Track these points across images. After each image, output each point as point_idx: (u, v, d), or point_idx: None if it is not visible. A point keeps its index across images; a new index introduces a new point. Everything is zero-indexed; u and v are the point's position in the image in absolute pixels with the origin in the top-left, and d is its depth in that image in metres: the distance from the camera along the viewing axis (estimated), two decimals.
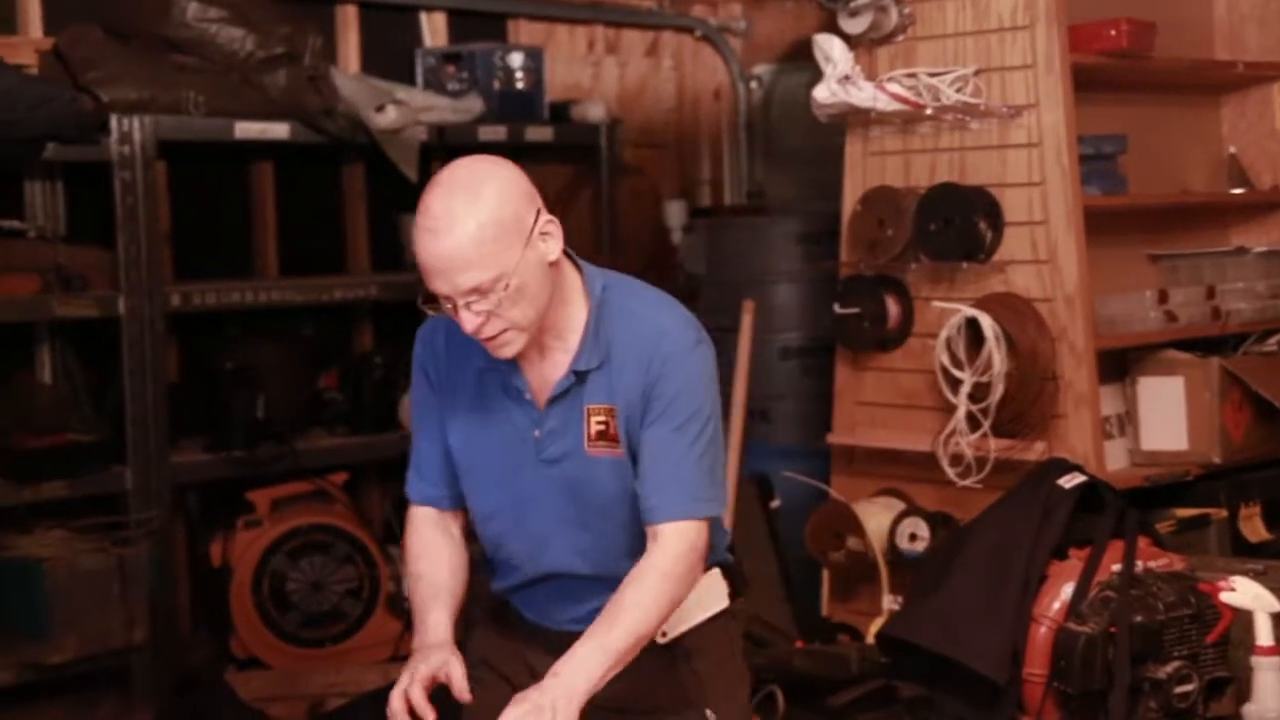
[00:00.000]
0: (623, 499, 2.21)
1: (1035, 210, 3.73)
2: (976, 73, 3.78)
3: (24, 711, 3.84)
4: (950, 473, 3.73)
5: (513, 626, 2.39)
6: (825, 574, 4.05)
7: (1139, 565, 3.23)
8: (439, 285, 2.08)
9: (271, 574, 4.15)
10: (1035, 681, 3.17)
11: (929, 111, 3.80)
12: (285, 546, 4.16)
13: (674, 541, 2.16)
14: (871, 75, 3.89)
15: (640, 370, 2.16)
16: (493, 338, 2.11)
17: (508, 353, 2.14)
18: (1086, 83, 3.77)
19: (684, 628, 2.33)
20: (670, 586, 2.14)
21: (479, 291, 2.06)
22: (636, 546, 2.21)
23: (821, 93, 3.88)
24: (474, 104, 4.57)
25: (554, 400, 2.20)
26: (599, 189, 5.00)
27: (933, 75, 3.80)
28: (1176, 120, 4.32)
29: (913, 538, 3.79)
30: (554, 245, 2.15)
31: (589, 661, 2.08)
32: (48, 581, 3.75)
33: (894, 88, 3.83)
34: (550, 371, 2.20)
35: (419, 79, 4.69)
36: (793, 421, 4.66)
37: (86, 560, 3.81)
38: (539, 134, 4.76)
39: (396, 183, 4.29)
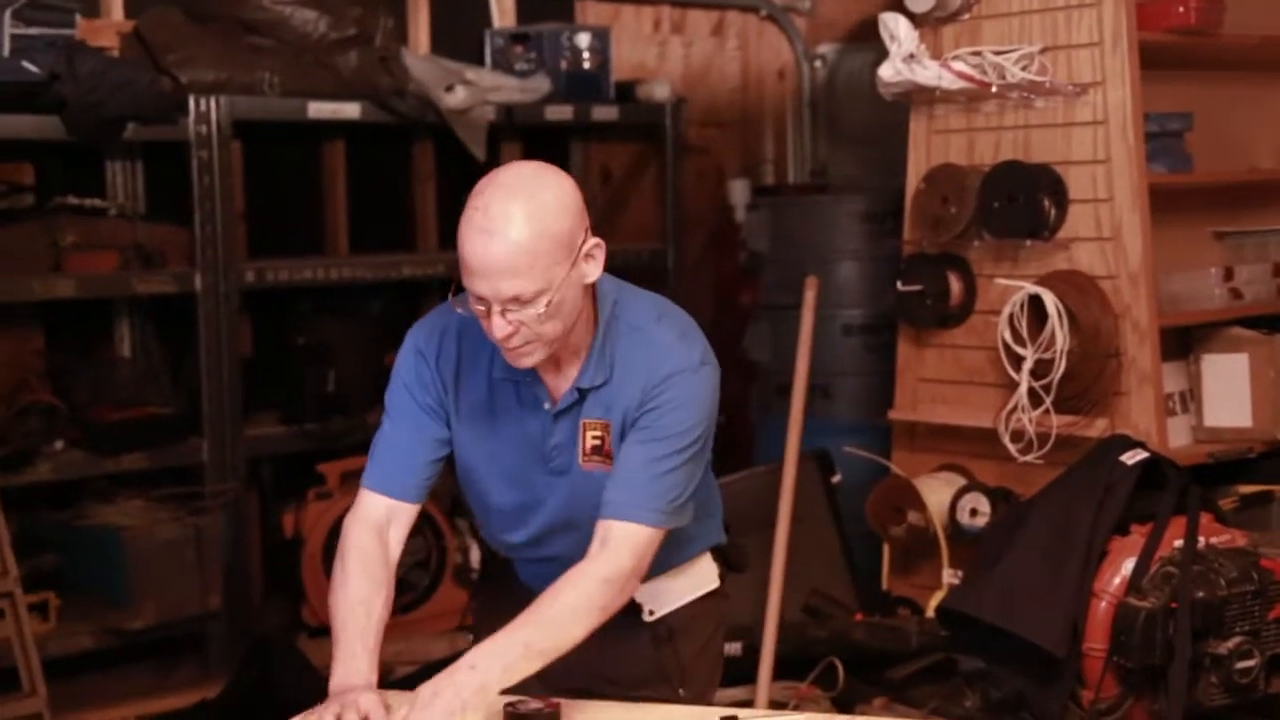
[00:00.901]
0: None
1: (1100, 188, 3.72)
2: (1042, 50, 3.78)
3: (105, 675, 3.95)
4: (1011, 449, 3.73)
5: (511, 589, 2.39)
6: (886, 548, 4.06)
7: (1201, 541, 3.23)
8: (479, 286, 2.03)
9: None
10: (1095, 656, 3.19)
11: (994, 89, 3.80)
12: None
13: (620, 546, 2.12)
14: (937, 54, 3.89)
15: (640, 389, 2.15)
16: (517, 347, 2.08)
17: (525, 364, 2.12)
18: (1153, 60, 3.75)
19: (672, 607, 2.34)
20: (607, 595, 2.11)
21: (519, 301, 2.02)
22: None
23: (887, 71, 3.88)
24: (541, 84, 4.60)
25: (560, 414, 2.21)
26: (663, 168, 5.02)
27: (998, 53, 3.80)
28: (1244, 97, 4.29)
29: (973, 513, 3.79)
30: (595, 268, 2.11)
31: (509, 656, 2.05)
32: (127, 550, 3.84)
33: (959, 66, 3.82)
34: (563, 385, 2.20)
35: (487, 59, 4.73)
36: (854, 397, 4.66)
37: (164, 530, 3.90)
38: (605, 113, 4.79)
39: (465, 162, 4.34)
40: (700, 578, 2.39)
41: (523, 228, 2.00)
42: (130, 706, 3.85)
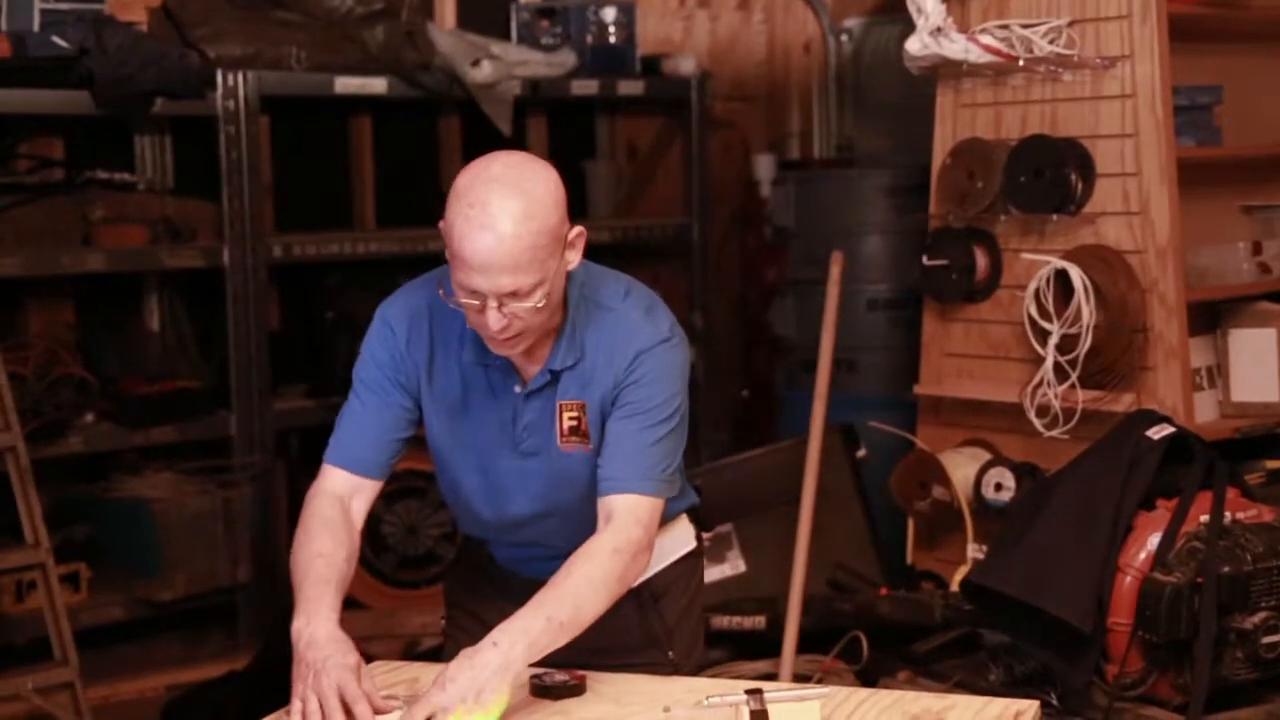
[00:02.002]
0: (593, 492, 2.22)
1: (1128, 162, 3.69)
2: (1070, 24, 3.75)
3: (136, 645, 3.99)
4: (1037, 423, 3.71)
5: (486, 571, 2.41)
6: (910, 523, 4.05)
7: (1227, 516, 3.21)
8: (477, 282, 2.02)
9: (368, 517, 4.24)
10: (1120, 630, 3.17)
11: (1021, 63, 3.76)
12: (382, 491, 4.25)
13: (626, 518, 2.14)
14: (963, 27, 3.86)
15: (612, 368, 2.18)
16: (509, 338, 2.09)
17: (512, 352, 2.13)
18: (1182, 33, 3.71)
19: (653, 570, 2.36)
20: (621, 565, 2.12)
21: (516, 295, 2.03)
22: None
23: (913, 45, 3.85)
24: (567, 58, 4.60)
25: (531, 395, 2.22)
26: (689, 142, 5.01)
27: (1025, 26, 3.78)
28: (1275, 70, 4.24)
29: (998, 487, 3.77)
30: (577, 256, 2.14)
31: (531, 633, 2.04)
32: (157, 522, 3.88)
33: (986, 39, 3.80)
34: (533, 368, 2.21)
35: (513, 34, 4.73)
36: (879, 372, 4.66)
37: (193, 502, 3.93)
38: (630, 88, 4.79)
39: (491, 136, 4.34)
40: (678, 539, 2.43)
41: (522, 223, 2.01)
42: (160, 676, 3.89)
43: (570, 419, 2.21)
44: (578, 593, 2.09)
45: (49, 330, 4.03)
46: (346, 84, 4.17)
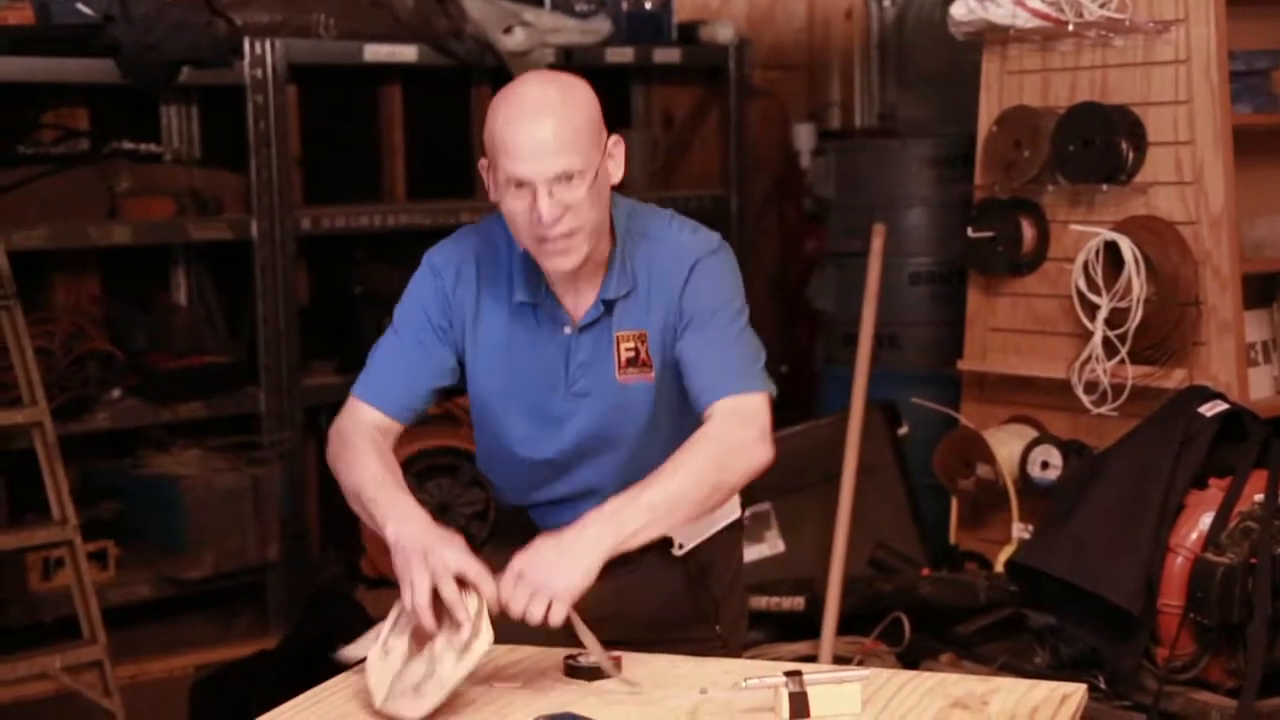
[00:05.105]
0: (653, 424, 2.22)
1: (1181, 130, 3.62)
2: None
3: (164, 624, 3.97)
4: (1085, 400, 3.67)
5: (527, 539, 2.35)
6: (954, 501, 4.02)
7: None
8: (526, 168, 2.07)
9: None
10: (1170, 612, 3.13)
11: (1070, 28, 3.70)
12: (413, 469, 4.21)
13: (727, 418, 2.13)
14: None
15: (668, 286, 2.19)
16: (564, 235, 2.10)
17: (568, 262, 2.13)
18: None
19: (700, 539, 2.34)
20: (720, 451, 2.10)
21: (567, 177, 2.07)
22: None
23: (959, 10, 3.82)
24: (602, 25, 4.55)
25: (583, 330, 2.21)
26: (727, 111, 4.97)
27: None
28: None
29: (1044, 466, 3.74)
30: (618, 169, 2.18)
31: (624, 514, 2.03)
32: (186, 499, 3.86)
33: (1034, 3, 3.73)
34: (583, 304, 2.21)
35: (547, 0, 4.67)
36: (922, 347, 4.61)
37: (222, 479, 3.91)
38: (667, 56, 4.75)
39: None
40: (725, 507, 2.36)
41: (562, 108, 2.09)
42: (189, 656, 3.88)
43: (628, 350, 2.21)
44: (678, 479, 2.08)
45: (75, 304, 4.01)
46: (376, 52, 4.12)
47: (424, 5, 4.14)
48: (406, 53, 4.18)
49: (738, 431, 2.13)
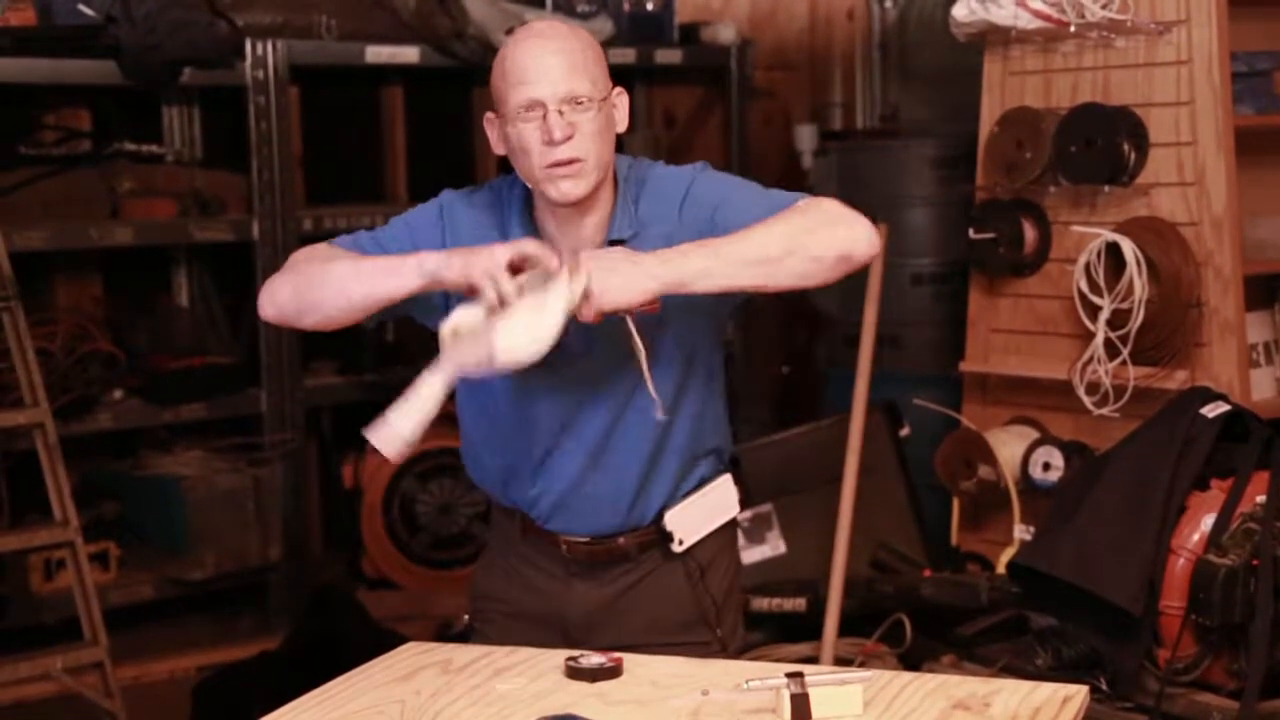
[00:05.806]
0: (665, 360, 2.19)
1: (1183, 131, 3.61)
2: None
3: (166, 625, 3.97)
4: (1087, 401, 3.65)
5: (522, 555, 2.32)
6: (955, 502, 4.00)
7: None
8: (536, 90, 2.10)
9: (401, 496, 4.21)
10: (1172, 614, 3.11)
11: (1072, 29, 3.69)
12: (415, 469, 4.22)
13: (817, 200, 2.16)
14: None
15: (672, 212, 2.20)
16: (571, 160, 2.11)
17: (576, 188, 2.13)
18: None
19: (698, 537, 2.31)
20: (809, 219, 2.10)
21: (576, 101, 2.11)
22: (679, 432, 2.22)
23: (960, 11, 3.81)
24: (603, 26, 4.54)
25: None
26: (729, 112, 4.97)
27: None
28: None
29: (1046, 467, 3.73)
30: (622, 118, 2.22)
31: (693, 252, 2.04)
32: (187, 500, 3.87)
33: (1036, 5, 3.73)
34: (583, 245, 2.17)
35: (548, 1, 4.67)
36: (924, 348, 4.60)
37: (223, 480, 3.91)
38: (668, 56, 4.75)
39: None
40: (723, 502, 2.35)
41: (572, 37, 2.16)
42: (191, 657, 3.87)
43: None
44: (748, 234, 2.06)
45: (77, 305, 4.01)
46: (377, 53, 4.12)
47: (425, 6, 4.14)
48: (408, 54, 4.17)
49: (836, 206, 2.14)
